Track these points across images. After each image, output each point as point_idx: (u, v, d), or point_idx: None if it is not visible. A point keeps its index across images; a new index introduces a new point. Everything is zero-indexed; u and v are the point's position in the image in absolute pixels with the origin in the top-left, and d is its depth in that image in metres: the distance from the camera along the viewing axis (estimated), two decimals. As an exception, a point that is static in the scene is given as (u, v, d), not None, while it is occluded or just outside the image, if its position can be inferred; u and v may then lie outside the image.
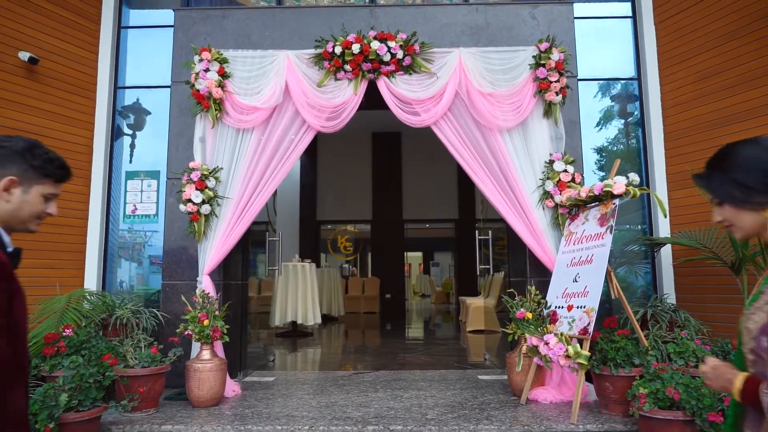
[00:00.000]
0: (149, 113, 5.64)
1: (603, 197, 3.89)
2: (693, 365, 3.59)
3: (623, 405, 3.46)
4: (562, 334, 3.67)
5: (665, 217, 4.72)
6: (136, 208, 5.24)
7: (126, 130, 5.53)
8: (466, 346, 7.68)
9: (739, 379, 1.32)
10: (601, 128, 5.54)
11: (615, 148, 5.50)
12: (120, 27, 5.54)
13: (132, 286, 5.34)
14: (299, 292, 8.26)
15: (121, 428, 3.48)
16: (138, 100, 5.62)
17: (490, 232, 6.06)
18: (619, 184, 3.72)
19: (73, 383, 3.22)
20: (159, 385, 3.85)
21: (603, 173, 5.41)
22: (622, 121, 5.57)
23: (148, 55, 5.62)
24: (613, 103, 5.56)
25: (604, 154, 5.55)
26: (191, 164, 4.45)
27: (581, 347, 3.54)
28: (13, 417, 1.32)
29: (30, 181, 1.41)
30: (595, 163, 5.52)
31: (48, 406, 2.98)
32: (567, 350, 3.55)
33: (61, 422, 3.03)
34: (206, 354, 4.04)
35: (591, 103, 5.52)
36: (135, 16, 5.79)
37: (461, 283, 13.45)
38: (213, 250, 4.43)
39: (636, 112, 5.43)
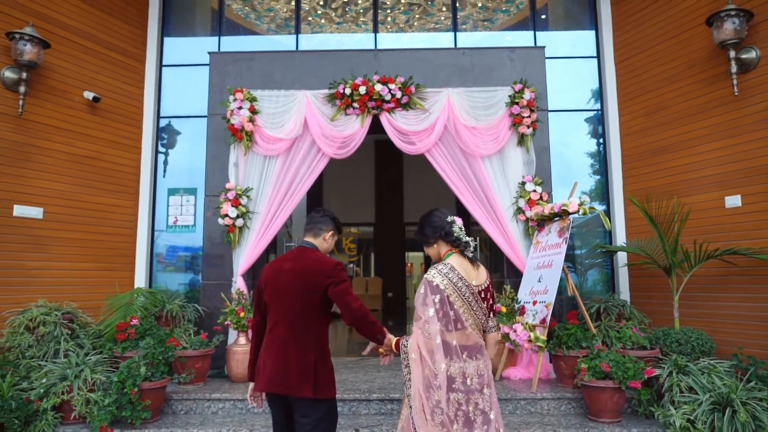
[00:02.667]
0: (179, 133, 6.56)
1: (561, 214, 4.84)
2: (628, 348, 4.55)
3: (572, 378, 4.40)
4: (526, 324, 4.63)
5: (608, 229, 5.67)
6: (177, 220, 6.21)
7: (160, 148, 6.46)
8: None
9: None
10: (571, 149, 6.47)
11: (582, 168, 6.40)
12: (161, 65, 6.51)
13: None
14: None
15: (180, 396, 4.45)
16: (170, 123, 6.54)
17: (477, 238, 7.01)
18: (573, 204, 4.67)
19: (147, 360, 4.19)
20: (206, 364, 4.82)
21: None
22: (594, 140, 6.48)
23: (185, 88, 6.55)
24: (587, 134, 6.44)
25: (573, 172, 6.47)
26: (227, 185, 5.41)
27: (541, 334, 4.50)
28: None
29: (334, 234, 2.87)
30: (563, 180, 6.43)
31: (132, 376, 3.96)
32: (529, 336, 4.52)
33: (140, 388, 4.00)
34: (242, 340, 5.01)
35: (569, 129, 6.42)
36: (173, 48, 6.69)
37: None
38: (245, 256, 5.39)
39: (600, 139, 6.37)
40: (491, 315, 2.63)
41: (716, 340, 4.63)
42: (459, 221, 2.66)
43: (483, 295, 2.53)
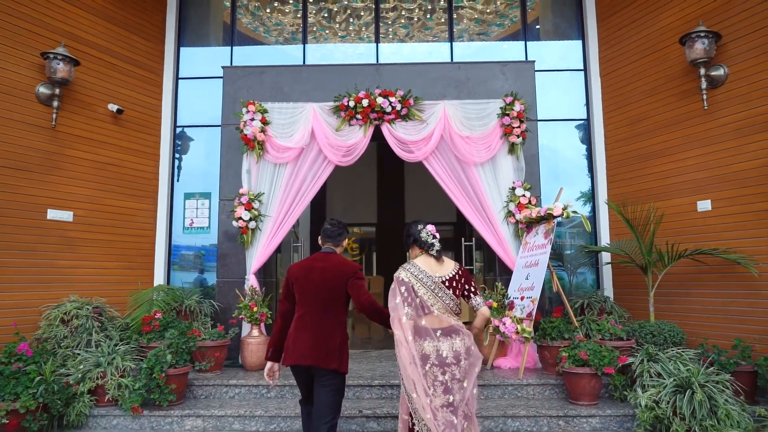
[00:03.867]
0: (192, 139, 7.04)
1: (547, 217, 5.30)
2: (607, 339, 5.00)
3: (555, 366, 4.86)
4: (514, 317, 5.08)
5: (589, 231, 6.12)
6: (192, 222, 6.68)
7: (176, 155, 6.93)
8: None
9: None
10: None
11: (569, 174, 6.85)
12: (178, 78, 6.98)
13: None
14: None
15: (200, 382, 4.92)
16: (185, 131, 7.02)
17: (474, 238, 7.45)
18: (557, 208, 5.13)
19: (172, 349, 4.67)
20: (223, 354, 5.30)
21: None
22: (581, 147, 6.93)
23: (199, 99, 7.03)
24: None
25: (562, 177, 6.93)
26: (241, 190, 5.88)
27: (527, 326, 4.96)
28: None
29: (347, 239, 3.51)
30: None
31: (160, 362, 4.43)
32: (517, 328, 4.98)
33: (167, 374, 4.47)
34: (255, 332, 5.48)
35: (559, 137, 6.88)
36: (188, 61, 7.16)
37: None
38: (257, 256, 5.86)
39: (587, 146, 6.82)
40: (472, 296, 3.27)
41: (687, 332, 5.08)
42: (430, 228, 3.33)
43: (449, 284, 3.17)
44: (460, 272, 3.24)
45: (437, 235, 3.32)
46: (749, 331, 4.86)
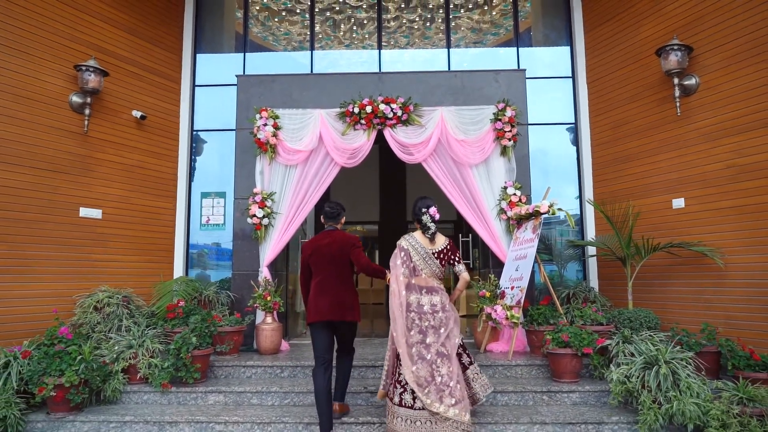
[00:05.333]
0: (206, 142, 7.58)
1: (535, 214, 5.81)
2: (588, 324, 5.51)
3: (541, 348, 5.37)
4: (505, 305, 5.60)
5: (573, 227, 6.64)
6: (209, 219, 7.21)
7: (193, 157, 7.47)
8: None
9: None
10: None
11: (558, 173, 7.37)
12: (194, 85, 7.51)
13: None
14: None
15: (220, 364, 5.44)
16: (200, 135, 7.56)
17: (470, 235, 7.98)
18: (543, 205, 5.63)
19: (196, 332, 5.20)
20: (240, 339, 5.83)
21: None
22: (570, 149, 7.45)
23: (214, 105, 7.56)
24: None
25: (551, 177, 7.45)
26: (255, 190, 6.40)
27: (516, 313, 5.47)
28: None
29: (344, 216, 4.48)
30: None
31: (186, 344, 4.96)
32: (507, 314, 5.49)
33: (192, 355, 5.00)
34: (269, 319, 6.01)
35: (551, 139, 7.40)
36: (204, 69, 7.70)
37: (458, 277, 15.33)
38: (270, 250, 6.39)
39: (575, 148, 7.33)
40: (456, 264, 4.21)
41: (662, 318, 5.60)
42: (432, 212, 4.16)
43: (437, 256, 4.13)
44: (448, 246, 4.20)
45: (437, 218, 4.17)
46: (715, 317, 5.37)
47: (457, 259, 4.20)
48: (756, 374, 4.53)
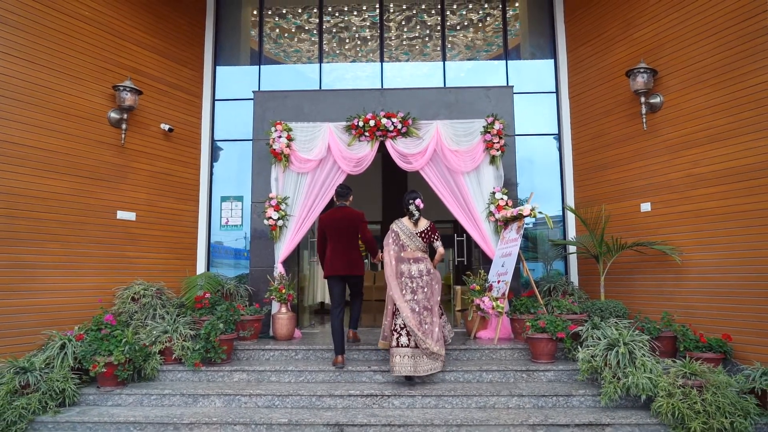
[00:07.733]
0: (222, 149, 8.38)
1: (518, 216, 6.57)
2: (564, 313, 6.28)
3: (522, 334, 6.14)
4: (492, 297, 6.37)
5: (551, 228, 7.41)
6: (228, 221, 8.00)
7: (213, 164, 8.26)
8: (450, 317, 10.37)
9: None
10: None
11: (543, 179, 8.14)
12: (215, 100, 8.31)
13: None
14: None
15: (242, 348, 6.22)
16: (216, 143, 8.35)
17: (465, 234, 8.74)
18: (526, 209, 6.40)
19: (222, 319, 5.99)
20: (259, 326, 6.62)
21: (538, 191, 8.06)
22: (553, 157, 8.21)
23: (232, 117, 8.35)
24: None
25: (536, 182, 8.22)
26: (270, 195, 7.18)
27: (501, 303, 6.24)
28: None
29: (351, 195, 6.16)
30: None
31: (215, 329, 5.75)
32: (493, 305, 6.26)
33: (220, 339, 5.79)
34: (284, 309, 6.79)
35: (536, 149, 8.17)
36: (223, 85, 8.50)
37: (458, 275, 16.10)
38: (284, 248, 7.17)
39: (558, 156, 8.10)
40: (434, 241, 5.60)
41: (630, 308, 6.36)
42: (417, 203, 5.50)
43: (420, 235, 5.51)
44: (429, 227, 5.57)
45: (421, 207, 5.50)
46: (675, 307, 6.14)
47: (435, 237, 5.59)
48: (702, 354, 5.31)
